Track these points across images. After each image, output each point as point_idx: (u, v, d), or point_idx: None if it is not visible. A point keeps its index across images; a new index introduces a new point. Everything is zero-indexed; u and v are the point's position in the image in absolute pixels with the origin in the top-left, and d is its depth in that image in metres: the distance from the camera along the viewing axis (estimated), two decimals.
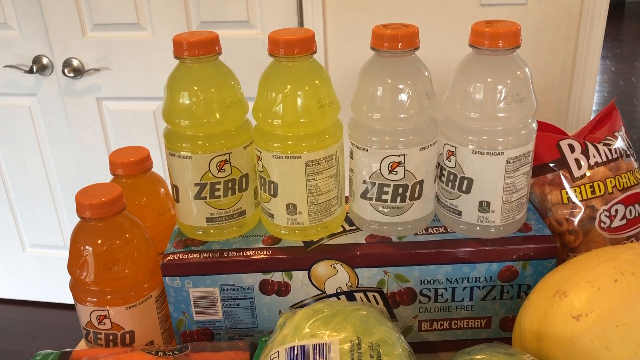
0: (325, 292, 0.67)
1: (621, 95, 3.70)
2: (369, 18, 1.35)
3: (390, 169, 0.64)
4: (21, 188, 1.89)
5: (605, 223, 0.69)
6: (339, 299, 0.67)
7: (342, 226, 0.70)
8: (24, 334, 1.97)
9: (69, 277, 0.67)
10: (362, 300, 0.67)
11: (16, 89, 1.73)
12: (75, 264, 0.65)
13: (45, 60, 1.67)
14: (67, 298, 1.94)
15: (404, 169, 0.64)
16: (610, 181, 0.69)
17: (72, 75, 1.64)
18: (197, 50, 0.62)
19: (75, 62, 1.64)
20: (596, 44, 1.38)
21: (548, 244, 0.65)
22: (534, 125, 0.64)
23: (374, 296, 0.67)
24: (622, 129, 0.74)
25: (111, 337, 0.67)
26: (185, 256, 0.67)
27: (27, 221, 1.95)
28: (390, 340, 0.54)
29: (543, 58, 1.40)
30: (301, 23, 1.44)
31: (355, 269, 0.66)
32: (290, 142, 0.63)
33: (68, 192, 1.86)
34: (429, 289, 0.67)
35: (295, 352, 0.53)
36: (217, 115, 0.63)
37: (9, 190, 1.90)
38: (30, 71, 1.65)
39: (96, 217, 0.63)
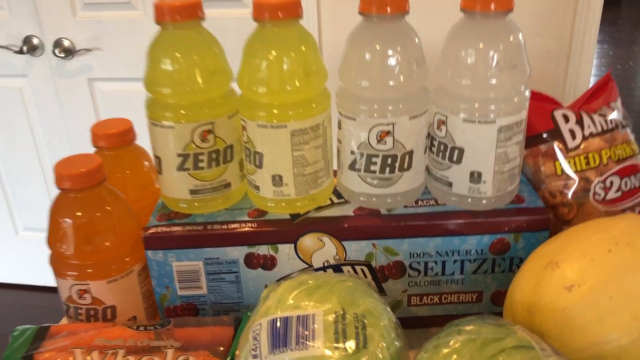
0: (312, 266, 0.66)
1: (618, 79, 3.66)
2: None
3: (379, 138, 0.62)
4: (13, 171, 1.87)
5: (599, 195, 0.67)
6: (325, 272, 0.66)
7: (330, 199, 0.69)
8: (19, 318, 1.96)
9: None
10: (349, 274, 0.66)
11: (6, 70, 1.70)
12: (54, 237, 0.63)
13: (35, 41, 1.64)
14: None
15: (393, 139, 0.62)
16: (605, 152, 0.68)
17: (62, 55, 1.61)
18: (179, 15, 0.60)
19: (66, 43, 1.61)
20: (593, 23, 1.35)
21: (541, 216, 0.64)
22: (527, 93, 0.62)
23: (362, 270, 0.66)
24: (618, 99, 0.72)
25: (92, 312, 0.65)
26: (168, 229, 0.65)
27: (20, 204, 1.93)
28: (376, 312, 0.52)
29: (539, 36, 1.37)
30: None
31: (343, 242, 0.65)
32: (275, 111, 0.61)
33: None
34: (419, 263, 0.65)
35: (278, 323, 0.51)
36: (200, 83, 0.61)
37: (0, 172, 1.88)
38: (21, 52, 1.63)
39: (76, 188, 0.61)
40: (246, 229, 0.64)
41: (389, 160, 0.63)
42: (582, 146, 0.67)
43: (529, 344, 0.47)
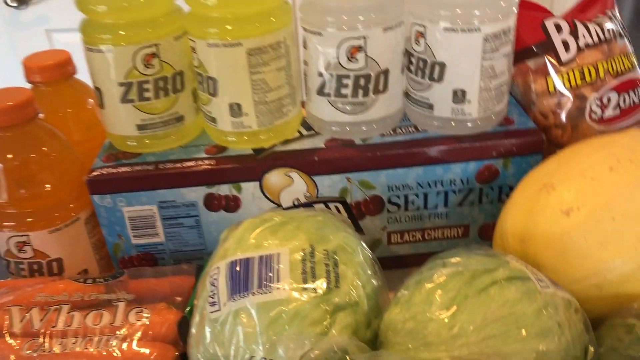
0: (280, 205, 0.59)
1: None
2: None
3: (349, 56, 0.54)
4: None
5: (596, 113, 0.61)
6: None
7: (299, 131, 0.61)
8: None
9: None
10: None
11: None
12: None
13: None
14: None
15: (366, 55, 0.54)
16: (602, 65, 0.61)
17: (15, 4, 1.50)
18: None
19: None
20: None
21: (532, 138, 0.57)
22: None
23: (336, 207, 0.59)
24: (615, 7, 0.65)
25: (35, 267, 0.58)
26: (115, 170, 0.57)
27: None
28: (350, 247, 0.45)
29: None
30: None
31: (314, 177, 0.58)
32: (228, 26, 0.53)
33: None
34: (398, 196, 0.59)
35: (238, 266, 0.44)
36: None
37: None
38: None
39: (3, 126, 0.53)
40: (204, 166, 0.57)
41: (362, 82, 0.55)
42: (576, 59, 0.60)
43: (523, 274, 0.41)
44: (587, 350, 0.41)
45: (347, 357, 0.36)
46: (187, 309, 0.51)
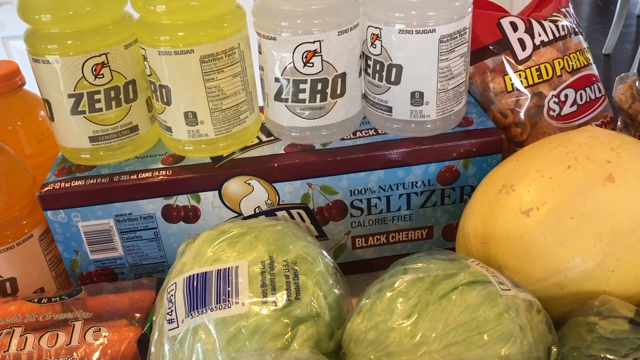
0: (242, 214, 0.58)
1: None
2: None
3: (305, 60, 0.53)
4: None
5: (554, 110, 0.61)
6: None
7: (258, 137, 0.60)
8: None
9: None
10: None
11: None
12: None
13: None
14: None
15: (322, 60, 0.53)
16: (559, 62, 0.61)
17: None
18: None
19: None
20: None
21: (492, 137, 0.57)
22: None
23: (298, 213, 0.58)
24: (570, 4, 0.65)
25: None
26: (68, 184, 0.55)
27: None
28: (310, 257, 0.45)
29: None
30: None
31: (274, 184, 0.57)
32: (180, 33, 0.51)
33: None
34: (361, 200, 0.58)
35: (195, 281, 0.43)
36: (87, 5, 0.51)
37: None
38: None
39: None
40: (160, 177, 0.56)
41: (319, 86, 0.55)
42: (533, 57, 0.61)
43: (484, 278, 0.41)
44: (550, 351, 0.41)
45: None
46: (147, 325, 0.50)
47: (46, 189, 0.55)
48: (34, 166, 0.60)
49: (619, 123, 0.64)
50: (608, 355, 0.39)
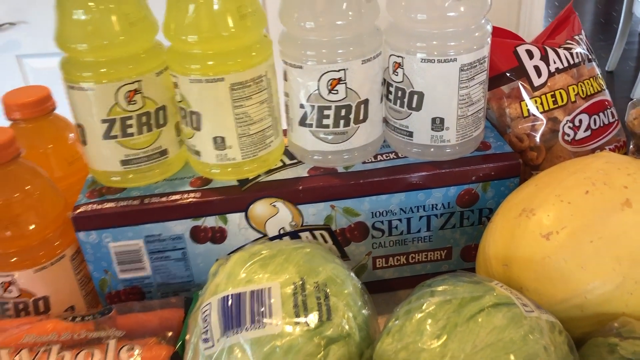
0: (266, 235, 0.60)
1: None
2: None
3: (330, 87, 0.55)
4: None
5: (569, 135, 0.63)
6: (282, 240, 0.59)
7: (282, 160, 0.62)
8: None
9: None
10: (308, 240, 0.60)
11: None
12: None
13: None
14: None
15: (346, 87, 0.55)
16: (573, 89, 0.63)
17: None
18: None
19: None
20: None
21: (510, 162, 0.59)
22: (488, 27, 0.56)
23: (321, 234, 0.60)
24: (582, 32, 0.68)
25: (21, 306, 0.57)
26: (100, 206, 0.57)
27: None
28: (339, 279, 0.46)
29: None
30: None
31: (299, 206, 0.58)
32: (210, 62, 0.53)
33: None
34: (382, 222, 0.60)
35: (230, 301, 0.45)
36: (120, 35, 0.53)
37: None
38: None
39: None
40: (189, 199, 0.58)
41: (343, 112, 0.57)
42: (548, 83, 0.63)
43: (509, 300, 0.43)
44: None
45: None
46: (179, 343, 0.52)
47: (78, 211, 0.57)
48: (64, 188, 0.62)
49: (631, 147, 0.66)
50: None
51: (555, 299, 0.47)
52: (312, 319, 0.43)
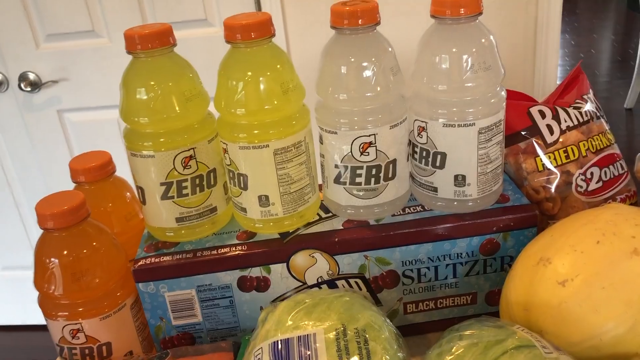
0: (306, 283, 0.65)
1: (582, 68, 3.74)
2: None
3: (361, 150, 0.62)
4: None
5: (582, 187, 0.68)
6: (320, 288, 0.65)
7: (318, 214, 0.68)
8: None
9: None
10: (344, 288, 0.66)
11: None
12: (41, 278, 0.62)
13: None
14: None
15: (376, 149, 0.62)
16: (584, 144, 0.69)
17: (29, 89, 1.59)
18: (151, 43, 0.59)
19: (31, 76, 1.58)
20: (555, 13, 1.38)
21: (527, 213, 0.64)
22: (503, 93, 0.63)
23: (356, 282, 0.66)
24: (590, 91, 0.74)
25: (87, 351, 0.64)
26: (157, 260, 0.64)
27: None
28: (377, 325, 0.52)
29: (505, 33, 1.40)
30: (259, 10, 1.42)
31: (335, 257, 0.64)
32: (256, 131, 0.60)
33: None
34: (412, 270, 0.65)
35: (280, 346, 0.51)
36: (177, 110, 0.61)
37: None
38: None
39: (60, 227, 0.60)
40: (236, 252, 0.64)
41: (374, 171, 0.63)
42: (560, 140, 0.69)
43: (530, 343, 0.48)
44: None
45: None
46: None
47: (139, 264, 0.64)
48: (122, 242, 0.68)
49: None
50: None
51: (573, 341, 0.52)
52: None
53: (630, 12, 4.50)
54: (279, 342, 0.51)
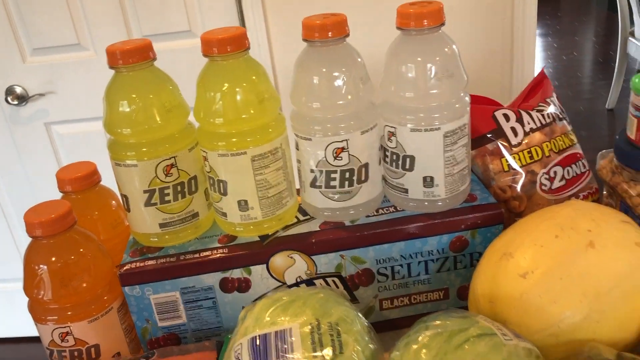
0: (285, 283, 0.68)
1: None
2: (308, 12, 1.37)
3: (335, 155, 0.65)
4: None
5: (546, 185, 0.72)
6: (299, 287, 0.68)
7: (296, 217, 0.72)
8: None
9: None
10: (321, 286, 0.69)
11: None
12: (31, 284, 0.64)
13: None
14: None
15: (348, 154, 0.65)
16: (547, 145, 0.72)
17: (16, 102, 1.61)
18: (131, 58, 0.62)
19: (18, 89, 1.61)
20: (531, 21, 1.43)
21: (493, 211, 0.68)
22: (467, 98, 0.66)
23: (333, 281, 0.69)
24: (554, 94, 0.77)
25: (76, 354, 0.66)
26: (142, 264, 0.67)
27: None
28: (349, 319, 0.55)
29: (483, 40, 1.44)
30: (243, 25, 1.45)
31: (313, 257, 0.68)
32: (234, 139, 0.64)
33: None
34: (386, 268, 0.69)
35: (257, 341, 0.54)
36: (158, 120, 0.64)
37: None
38: None
39: (47, 235, 0.63)
40: (218, 255, 0.67)
41: (347, 175, 0.66)
42: (524, 142, 0.72)
43: (491, 331, 0.51)
44: None
45: None
46: None
47: (125, 268, 0.66)
48: (109, 248, 0.71)
49: (604, 192, 0.75)
50: None
51: (533, 329, 0.55)
52: (327, 352, 0.52)
53: (611, 14, 4.57)
54: (257, 337, 0.54)
